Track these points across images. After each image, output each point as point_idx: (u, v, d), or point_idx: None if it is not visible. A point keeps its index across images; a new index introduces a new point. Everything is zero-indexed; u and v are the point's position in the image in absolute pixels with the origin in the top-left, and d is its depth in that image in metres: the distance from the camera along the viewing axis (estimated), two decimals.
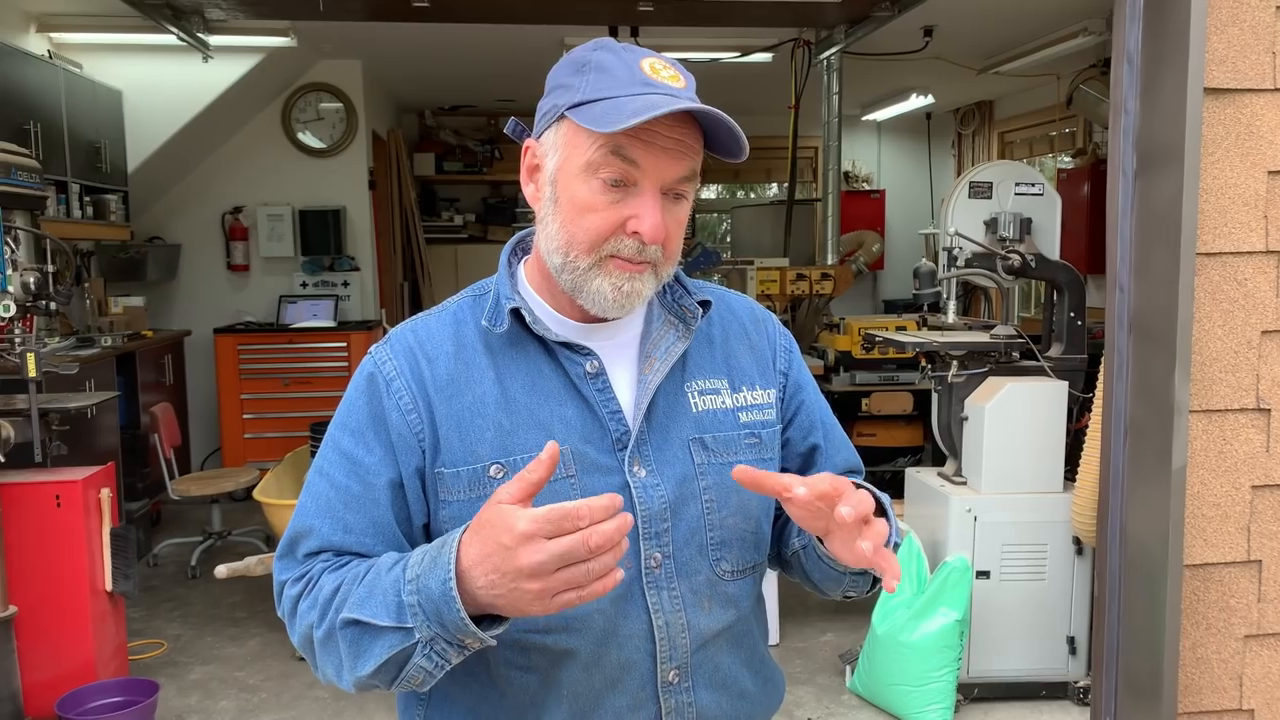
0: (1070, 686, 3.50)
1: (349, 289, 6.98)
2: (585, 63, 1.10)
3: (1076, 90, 6.06)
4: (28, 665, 3.23)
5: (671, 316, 1.22)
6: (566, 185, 1.10)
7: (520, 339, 1.16)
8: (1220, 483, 2.16)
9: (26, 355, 3.11)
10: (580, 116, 1.07)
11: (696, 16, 5.37)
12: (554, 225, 1.12)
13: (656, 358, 1.18)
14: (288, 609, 1.13)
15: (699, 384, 1.21)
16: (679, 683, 1.16)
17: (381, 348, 1.19)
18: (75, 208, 5.16)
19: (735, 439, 1.21)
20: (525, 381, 1.15)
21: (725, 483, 1.17)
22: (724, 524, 1.18)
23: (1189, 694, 2.21)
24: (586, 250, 1.10)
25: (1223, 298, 2.13)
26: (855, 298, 8.87)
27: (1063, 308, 3.64)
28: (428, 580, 0.98)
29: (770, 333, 1.31)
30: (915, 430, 5.19)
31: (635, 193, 1.08)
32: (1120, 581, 2.27)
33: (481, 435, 1.12)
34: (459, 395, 1.14)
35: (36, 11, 5.36)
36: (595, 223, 1.09)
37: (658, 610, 1.14)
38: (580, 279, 1.11)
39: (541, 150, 1.14)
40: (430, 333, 1.18)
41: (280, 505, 3.84)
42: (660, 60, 1.11)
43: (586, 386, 1.15)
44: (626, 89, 1.07)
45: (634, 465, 1.14)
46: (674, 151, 1.08)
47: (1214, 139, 2.10)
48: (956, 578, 3.30)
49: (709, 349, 1.24)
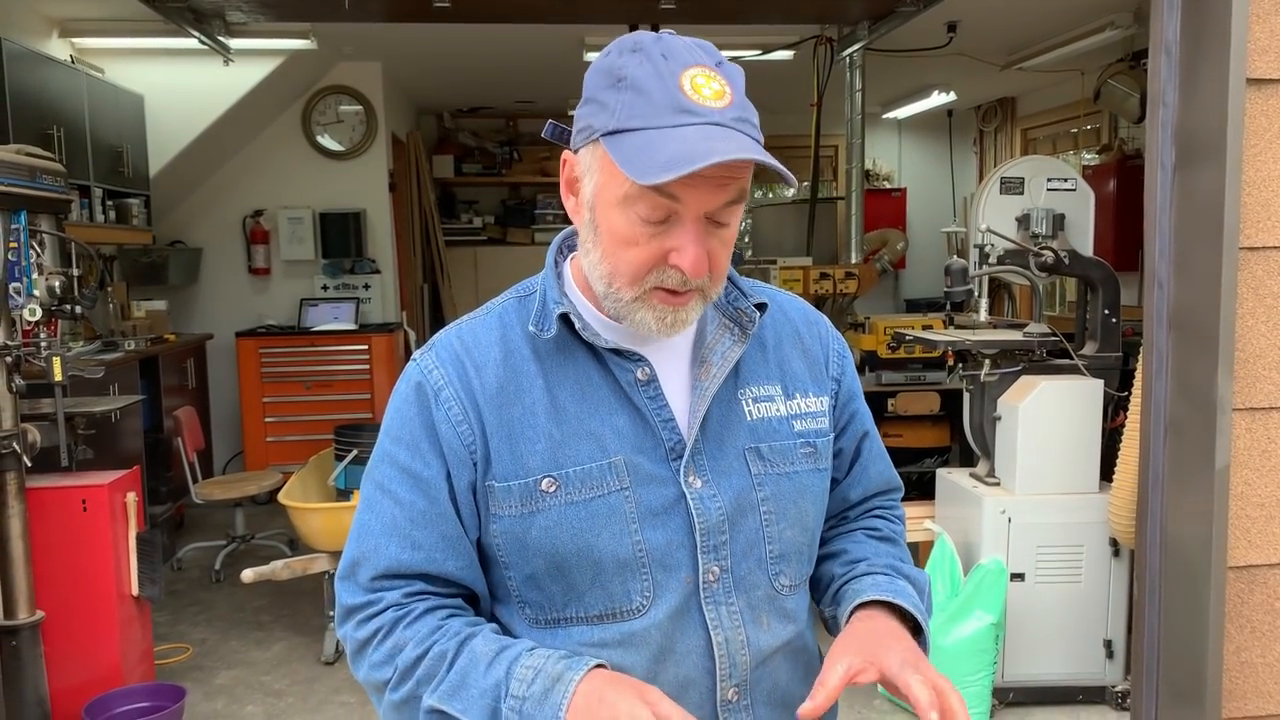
0: (1108, 691, 3.45)
1: (369, 292, 6.98)
2: (621, 77, 1.01)
3: (1104, 85, 5.99)
4: (55, 670, 3.22)
5: (726, 320, 1.17)
6: (605, 214, 1.04)
7: (568, 344, 1.11)
8: (1265, 482, 2.12)
9: (52, 359, 3.10)
10: (615, 150, 0.99)
11: (718, 14, 5.34)
12: (596, 254, 1.07)
13: (713, 363, 1.13)
14: (352, 649, 1.10)
15: (752, 391, 1.16)
16: (738, 700, 1.13)
17: (427, 355, 1.13)
18: (98, 212, 5.18)
19: (791, 449, 1.16)
20: (575, 389, 1.10)
21: (783, 493, 1.14)
22: (782, 536, 1.15)
23: (1232, 699, 2.17)
24: (629, 283, 1.05)
25: (1266, 293, 2.08)
26: (877, 297, 8.81)
27: (1097, 305, 3.58)
28: (533, 712, 0.97)
29: (824, 336, 1.26)
30: (942, 430, 5.13)
31: (676, 223, 1.02)
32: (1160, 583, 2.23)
33: (532, 447, 1.08)
34: (509, 405, 1.09)
35: (59, 17, 5.38)
36: (636, 256, 1.03)
37: (716, 626, 1.10)
38: (624, 309, 1.07)
39: (580, 168, 1.07)
40: (477, 338, 1.13)
41: (304, 509, 3.83)
42: (704, 71, 1.01)
43: (638, 394, 1.10)
44: (663, 118, 0.98)
45: (689, 476, 1.10)
46: (715, 181, 1.00)
47: (1256, 130, 2.05)
48: (991, 580, 3.25)
49: (761, 353, 1.19)
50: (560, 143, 1.11)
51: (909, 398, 5.04)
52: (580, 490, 1.07)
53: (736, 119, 1.00)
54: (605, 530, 1.07)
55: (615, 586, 1.08)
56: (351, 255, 6.97)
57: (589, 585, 1.08)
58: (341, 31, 5.77)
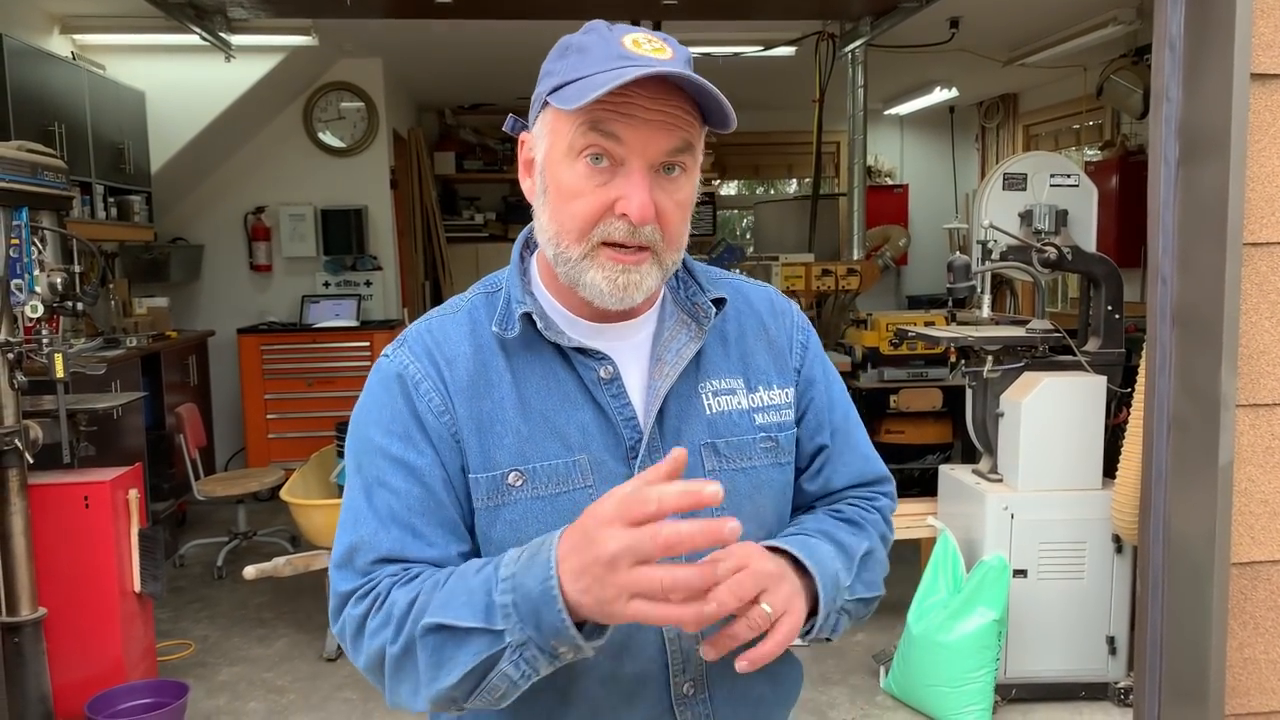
0: (1111, 687, 3.45)
1: (371, 288, 6.98)
2: (568, 46, 1.07)
3: (1107, 80, 5.98)
4: (57, 667, 3.23)
5: (684, 315, 1.17)
6: (553, 173, 1.06)
7: (534, 341, 1.12)
8: (1269, 479, 2.11)
9: (54, 356, 3.10)
10: (556, 100, 1.03)
11: (719, 9, 5.33)
12: (545, 216, 1.08)
13: (666, 361, 1.13)
14: (351, 630, 1.06)
15: (714, 384, 1.16)
16: (695, 694, 1.13)
17: (399, 350, 1.14)
18: (99, 209, 5.17)
19: (750, 443, 1.16)
20: (541, 386, 1.11)
21: (738, 489, 1.13)
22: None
23: (1235, 695, 2.17)
24: (576, 238, 1.05)
25: (1271, 289, 2.08)
26: (879, 293, 8.80)
27: (1099, 301, 3.57)
28: (524, 578, 0.93)
29: (788, 326, 1.24)
30: (944, 427, 5.13)
31: (622, 172, 1.03)
32: (1164, 580, 2.22)
33: (500, 441, 1.09)
34: (479, 399, 1.10)
35: (60, 13, 5.38)
36: (581, 207, 1.04)
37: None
38: (574, 270, 1.07)
39: (532, 143, 1.11)
40: (447, 334, 1.14)
41: (306, 505, 3.83)
42: (645, 34, 1.04)
43: (600, 392, 1.11)
44: (602, 65, 1.01)
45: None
46: (659, 124, 1.01)
47: (1260, 126, 2.05)
48: (994, 577, 3.25)
49: (723, 347, 1.18)
50: (516, 133, 1.16)
51: (911, 394, 5.04)
52: (546, 485, 1.08)
53: (677, 67, 1.01)
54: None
55: None
56: (353, 252, 6.96)
57: None
58: (343, 28, 5.77)
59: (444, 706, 1.02)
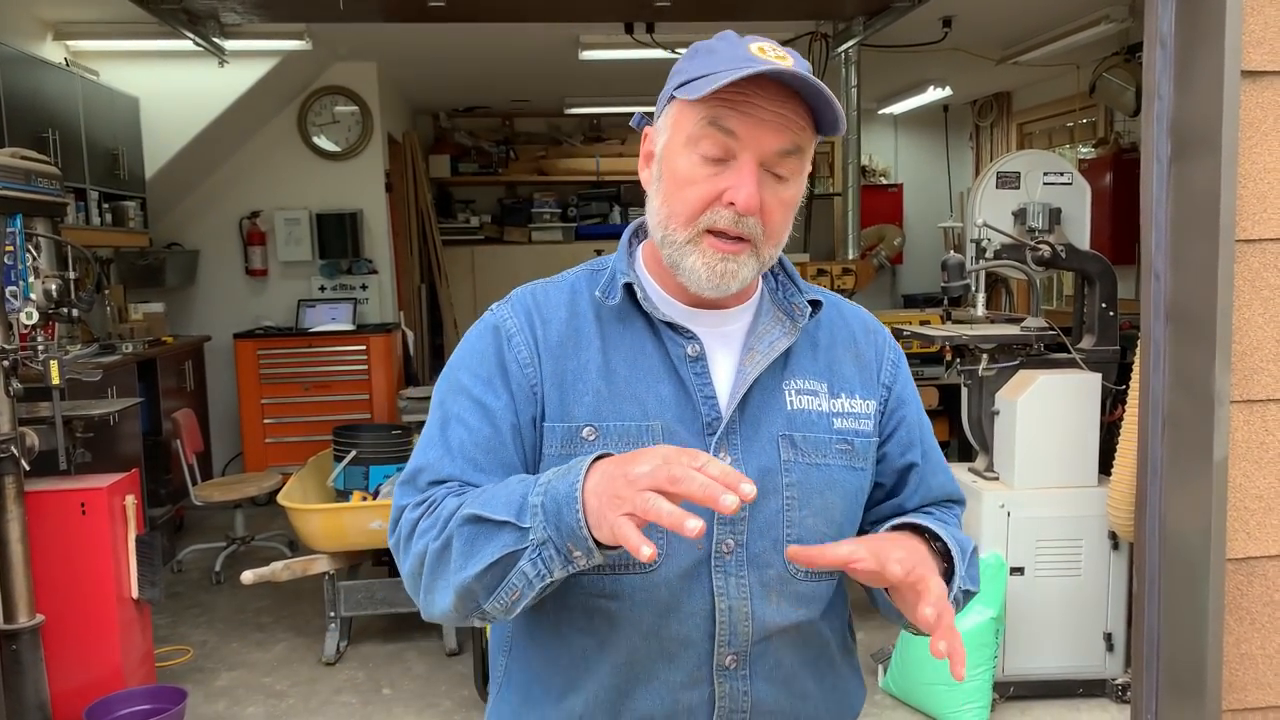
0: (1108, 684, 3.46)
1: (367, 292, 6.98)
2: (697, 50, 1.14)
3: (1100, 78, 5.99)
4: (55, 673, 3.22)
5: (780, 312, 1.23)
6: (670, 161, 1.13)
7: (629, 314, 1.19)
8: (1263, 474, 2.12)
9: (50, 362, 3.10)
10: (685, 91, 1.10)
11: (713, 10, 5.33)
12: (657, 200, 1.16)
13: (759, 350, 1.18)
14: (405, 532, 1.13)
15: (797, 383, 1.21)
16: (736, 669, 1.17)
17: (503, 306, 1.23)
18: (94, 215, 5.17)
19: (826, 442, 1.20)
20: (628, 355, 1.18)
21: (810, 482, 1.18)
22: (803, 523, 1.17)
23: (1233, 691, 2.17)
24: (684, 223, 1.12)
25: (1263, 285, 2.08)
26: (874, 293, 8.81)
27: (1094, 299, 3.58)
28: (557, 484, 1.00)
29: (879, 345, 1.30)
30: (941, 425, 5.14)
31: (734, 165, 1.10)
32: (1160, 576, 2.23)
33: (580, 398, 1.16)
34: (566, 358, 1.17)
35: (53, 20, 5.38)
36: (692, 195, 1.11)
37: (722, 594, 1.14)
38: (677, 254, 1.14)
39: (654, 135, 1.18)
40: (548, 298, 1.22)
41: (304, 510, 3.83)
42: (771, 44, 1.12)
43: (685, 368, 1.17)
44: (728, 65, 1.08)
45: (720, 452, 1.15)
46: (773, 124, 1.09)
47: (1252, 123, 2.05)
48: (991, 574, 3.25)
49: (813, 351, 1.24)
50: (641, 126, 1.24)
51: None
52: (617, 443, 1.14)
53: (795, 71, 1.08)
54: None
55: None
56: (349, 256, 6.96)
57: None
58: (336, 32, 5.77)
59: (468, 610, 1.08)
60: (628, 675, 1.16)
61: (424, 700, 3.62)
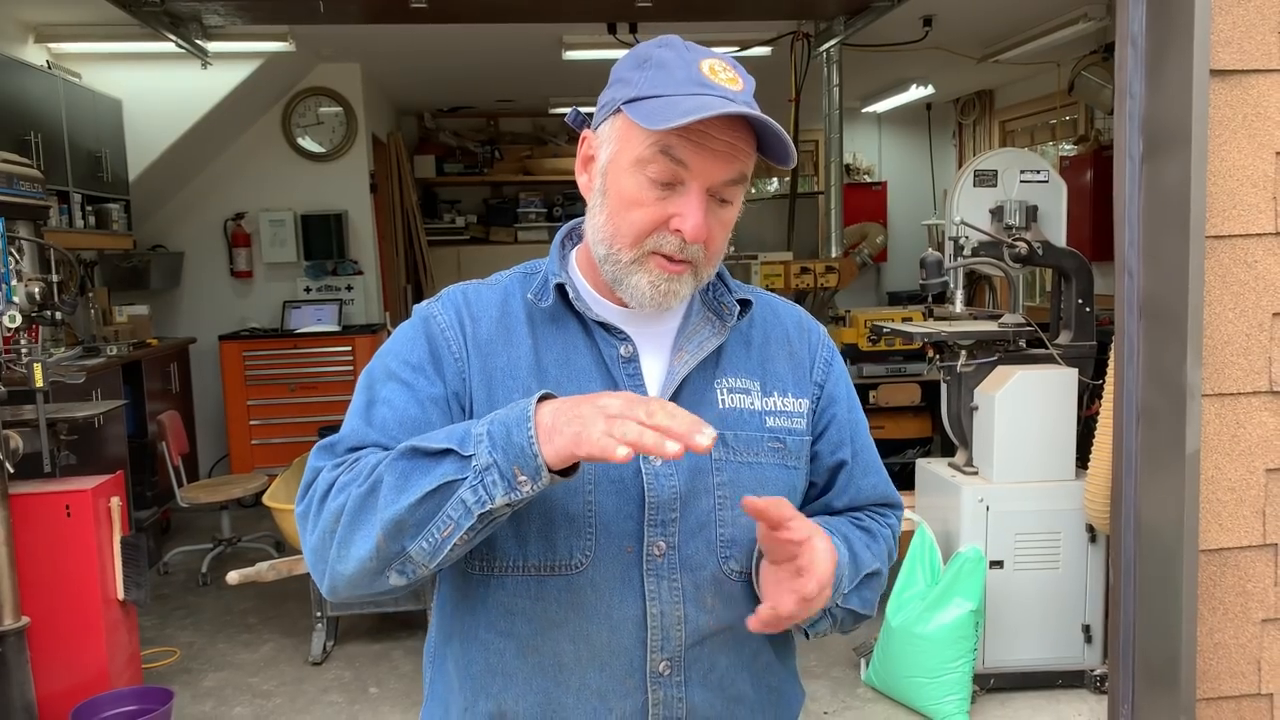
0: (1087, 675, 3.49)
1: (352, 293, 6.98)
2: (646, 59, 1.11)
3: (1078, 76, 6.04)
4: (41, 675, 3.23)
5: (709, 312, 1.23)
6: (616, 178, 1.12)
7: (561, 316, 1.19)
8: (1234, 466, 2.15)
9: (33, 365, 3.11)
10: (634, 112, 1.08)
11: (695, 11, 5.36)
12: (601, 216, 1.14)
13: (688, 350, 1.19)
14: (320, 490, 1.08)
15: (729, 381, 1.21)
16: (670, 675, 1.15)
17: (434, 303, 1.22)
18: (78, 217, 5.16)
19: (758, 440, 1.20)
20: (560, 355, 1.17)
21: (741, 481, 1.17)
22: (735, 522, 1.17)
23: (1207, 680, 2.20)
24: (630, 244, 1.11)
25: (1233, 280, 2.12)
26: (859, 290, 8.86)
27: (1071, 295, 3.62)
28: (505, 414, 1.00)
29: (813, 343, 1.30)
30: (924, 421, 5.18)
31: (682, 191, 1.09)
32: (1135, 568, 2.26)
33: (509, 396, 1.13)
34: (494, 355, 1.17)
35: (35, 22, 5.36)
36: (640, 218, 1.10)
37: (654, 598, 1.13)
38: (621, 272, 1.13)
39: (597, 142, 1.15)
40: (480, 297, 1.21)
41: (289, 510, 3.84)
42: (721, 62, 1.11)
43: (618, 369, 1.17)
44: (682, 88, 1.07)
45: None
46: (724, 154, 1.09)
47: (1221, 121, 2.09)
48: (970, 568, 3.29)
49: (746, 350, 1.24)
50: (579, 128, 1.20)
51: (890, 389, 5.08)
52: None
53: (747, 100, 1.09)
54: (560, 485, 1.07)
55: (559, 540, 1.12)
56: (334, 257, 6.96)
57: (533, 535, 1.12)
58: (320, 33, 5.77)
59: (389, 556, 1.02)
60: (555, 682, 1.14)
61: (411, 699, 3.64)
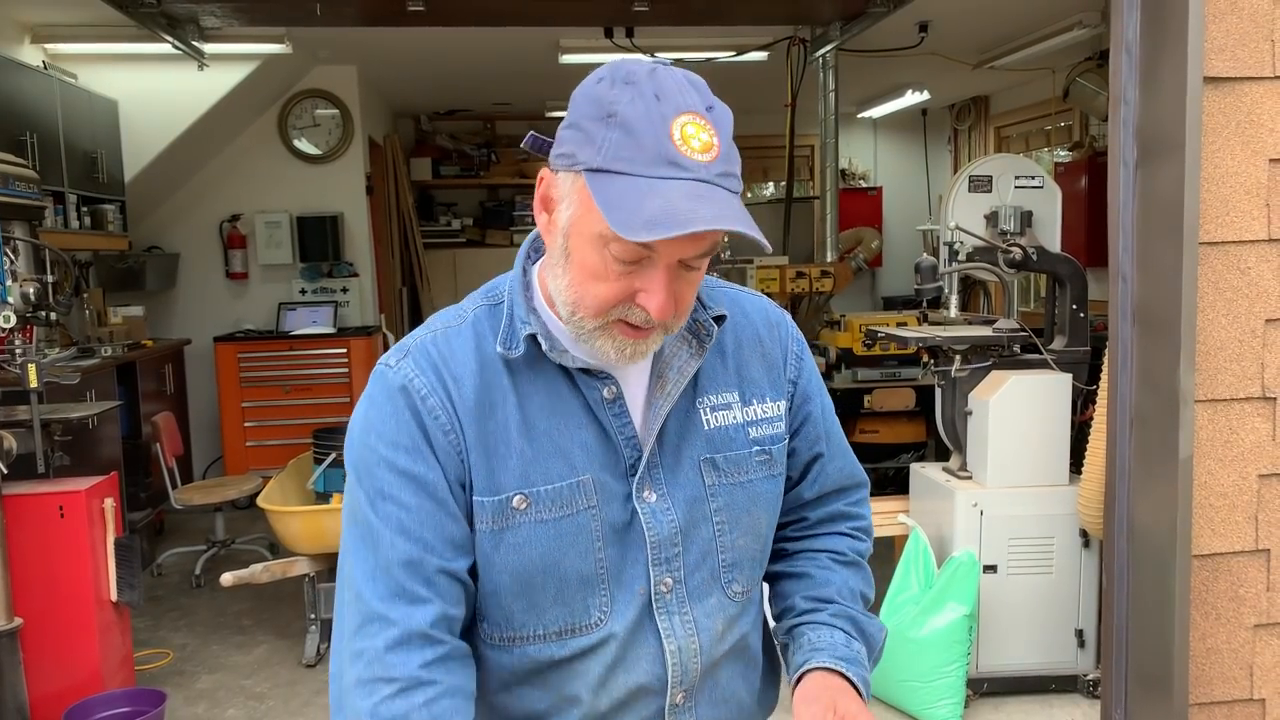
0: (1080, 679, 3.50)
1: (348, 295, 6.97)
2: (612, 113, 0.99)
3: (1073, 83, 6.06)
4: (34, 677, 3.22)
5: (686, 333, 1.17)
6: (579, 245, 1.04)
7: (538, 359, 1.12)
8: (1227, 472, 2.16)
9: (28, 366, 3.10)
10: (598, 191, 0.98)
11: (692, 15, 5.36)
12: (564, 280, 1.07)
13: (669, 378, 1.15)
14: (368, 707, 1.05)
15: (711, 399, 1.18)
16: (684, 703, 1.17)
17: (404, 362, 1.11)
18: (73, 218, 5.15)
19: (746, 458, 1.19)
20: (545, 404, 1.11)
21: (736, 504, 1.17)
22: (735, 545, 1.18)
23: (1199, 684, 2.21)
24: (593, 314, 1.05)
25: (1226, 287, 2.13)
26: (855, 295, 8.86)
27: (1065, 300, 3.63)
28: None
29: (783, 338, 1.27)
30: (918, 426, 5.19)
31: (648, 265, 1.02)
32: (1128, 573, 2.27)
33: (505, 463, 1.09)
34: (484, 419, 1.10)
35: (31, 23, 5.36)
36: (604, 291, 1.04)
37: (669, 635, 1.14)
38: (586, 336, 1.07)
39: (556, 191, 1.06)
40: (453, 349, 1.12)
41: (284, 512, 3.83)
42: (695, 120, 1.00)
43: (603, 412, 1.12)
44: (652, 166, 0.97)
45: (644, 490, 1.13)
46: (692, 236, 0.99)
47: (1214, 128, 2.10)
48: (964, 572, 3.29)
49: (721, 360, 1.21)
50: (539, 154, 1.10)
51: (885, 394, 5.09)
52: (550, 509, 1.09)
53: (721, 174, 1.00)
54: (572, 549, 1.10)
55: (576, 603, 1.11)
56: (329, 259, 6.96)
57: (550, 602, 1.11)
58: (316, 35, 5.77)
59: None
60: None
61: None
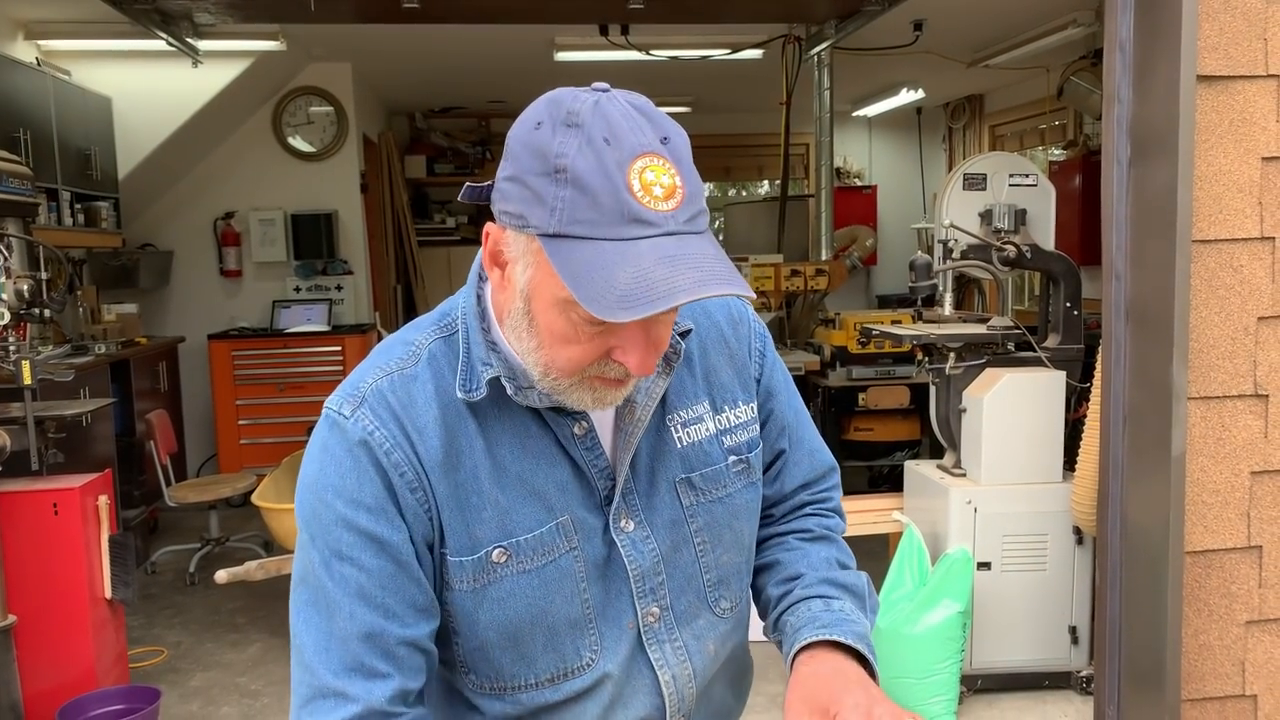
0: (1073, 676, 3.51)
1: (342, 293, 6.97)
2: (560, 168, 0.89)
3: (1067, 82, 6.07)
4: (28, 674, 3.22)
5: None
6: (542, 310, 0.95)
7: (502, 397, 1.04)
8: (1220, 469, 2.17)
9: (21, 363, 3.10)
10: (559, 261, 0.89)
11: (687, 13, 5.37)
12: (531, 343, 0.98)
13: (638, 403, 1.07)
14: None
15: (681, 415, 1.12)
16: None
17: (360, 411, 1.02)
18: (66, 215, 5.15)
19: (722, 472, 1.14)
20: (514, 446, 1.04)
21: (717, 521, 1.13)
22: (720, 563, 1.15)
23: (1191, 681, 2.22)
24: (568, 374, 0.98)
25: (1219, 284, 2.14)
26: (849, 293, 8.88)
27: (1059, 298, 3.64)
28: None
29: (747, 335, 1.21)
30: (913, 424, 5.19)
31: (618, 325, 0.93)
32: (1121, 570, 2.28)
33: (480, 515, 1.03)
34: (452, 472, 1.02)
35: (24, 19, 5.35)
36: (576, 354, 0.96)
37: (662, 665, 1.11)
38: (561, 393, 1.00)
39: (509, 250, 0.97)
40: (412, 397, 1.03)
41: (279, 509, 3.83)
42: (651, 162, 0.90)
43: (575, 448, 1.06)
44: (612, 228, 0.88)
45: (621, 519, 1.08)
46: None
47: (1207, 126, 2.10)
48: (958, 569, 3.30)
49: (689, 369, 1.14)
50: (480, 202, 1.03)
51: (880, 392, 5.10)
52: (532, 558, 1.04)
53: (690, 219, 0.91)
54: (558, 594, 1.06)
55: (566, 647, 1.08)
56: (324, 256, 6.95)
57: (541, 651, 1.07)
58: (311, 33, 5.76)
59: None
60: None
61: None
